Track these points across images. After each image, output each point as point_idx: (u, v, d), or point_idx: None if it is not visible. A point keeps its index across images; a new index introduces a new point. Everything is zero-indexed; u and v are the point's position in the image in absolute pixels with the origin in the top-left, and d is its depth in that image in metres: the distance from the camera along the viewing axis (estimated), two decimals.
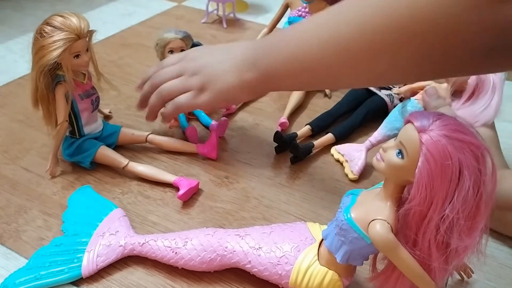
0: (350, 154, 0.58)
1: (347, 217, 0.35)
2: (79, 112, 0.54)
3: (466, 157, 0.29)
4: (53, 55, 0.48)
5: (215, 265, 0.42)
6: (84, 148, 0.55)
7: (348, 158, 0.58)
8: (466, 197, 0.29)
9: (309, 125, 0.63)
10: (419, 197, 0.30)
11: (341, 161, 0.58)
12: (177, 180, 0.53)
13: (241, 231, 0.44)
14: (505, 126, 0.53)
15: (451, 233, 0.30)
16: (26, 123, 0.64)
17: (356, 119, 0.64)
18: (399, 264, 0.32)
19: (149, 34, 0.92)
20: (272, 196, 0.54)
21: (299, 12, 0.71)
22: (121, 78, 0.76)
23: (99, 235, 0.45)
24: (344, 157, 0.58)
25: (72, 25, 0.49)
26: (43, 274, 0.42)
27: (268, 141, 0.62)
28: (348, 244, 0.36)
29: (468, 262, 0.41)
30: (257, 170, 0.58)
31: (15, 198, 0.52)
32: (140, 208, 0.51)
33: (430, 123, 0.30)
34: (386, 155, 0.33)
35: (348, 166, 0.57)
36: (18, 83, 0.74)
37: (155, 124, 0.64)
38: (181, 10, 1.05)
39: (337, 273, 0.38)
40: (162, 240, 0.44)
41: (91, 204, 0.50)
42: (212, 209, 0.52)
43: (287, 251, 0.40)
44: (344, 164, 0.58)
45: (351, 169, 0.56)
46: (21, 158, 0.58)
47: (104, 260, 0.43)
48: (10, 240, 0.47)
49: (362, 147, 0.58)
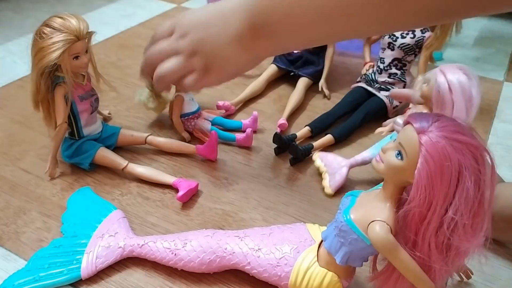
0: (332, 167, 0.56)
1: (346, 219, 0.35)
2: (79, 113, 0.54)
3: (465, 158, 0.29)
4: (53, 56, 0.48)
5: (214, 266, 0.42)
6: (84, 150, 0.55)
7: (329, 171, 0.56)
8: (467, 197, 0.29)
9: (308, 126, 0.63)
10: (419, 198, 0.30)
11: (322, 171, 0.56)
12: (177, 182, 0.53)
13: (241, 232, 0.44)
14: (505, 127, 0.53)
15: (454, 234, 0.30)
16: (25, 125, 0.64)
17: (355, 120, 0.64)
18: (398, 265, 0.32)
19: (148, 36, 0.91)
20: (272, 198, 0.54)
21: None
22: (121, 80, 0.76)
23: (98, 236, 0.45)
24: (326, 167, 0.56)
25: (72, 26, 0.49)
26: (42, 276, 0.42)
27: (268, 142, 0.62)
28: (347, 245, 0.35)
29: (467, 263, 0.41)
30: (256, 172, 0.58)
31: (14, 199, 0.52)
32: (139, 210, 0.51)
33: (429, 124, 0.30)
34: (385, 156, 0.33)
35: (327, 179, 0.55)
36: (17, 84, 0.74)
37: (154, 126, 0.64)
38: (180, 11, 1.05)
39: (336, 274, 0.38)
40: (162, 242, 0.44)
41: (90, 206, 0.50)
42: (212, 210, 0.52)
43: (286, 253, 0.40)
44: (323, 175, 0.56)
45: (329, 183, 0.55)
46: (20, 160, 0.58)
47: (103, 261, 0.43)
48: (9, 241, 0.47)
49: (345, 163, 0.56)
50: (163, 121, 0.66)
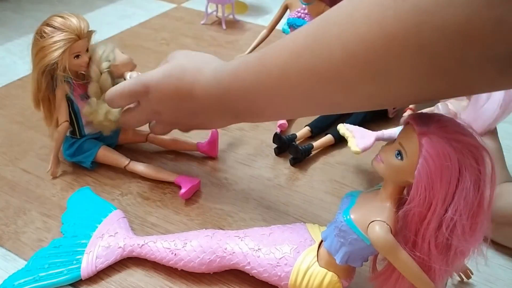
0: (359, 132, 0.55)
1: (346, 219, 0.35)
2: (80, 112, 0.54)
3: (465, 158, 0.29)
4: (54, 55, 0.48)
5: (214, 266, 0.42)
6: (85, 148, 0.55)
7: (356, 135, 0.54)
8: (467, 197, 0.29)
9: (308, 126, 0.63)
10: (419, 198, 0.30)
11: (347, 136, 0.54)
12: (179, 179, 0.53)
13: (241, 232, 0.44)
14: (505, 127, 0.53)
15: (453, 234, 0.30)
16: (25, 125, 0.64)
17: (355, 120, 0.64)
18: (398, 265, 0.32)
19: (148, 36, 0.92)
20: (272, 198, 0.54)
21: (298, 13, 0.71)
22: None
23: (98, 236, 0.45)
24: (352, 133, 0.55)
25: (72, 25, 0.49)
26: (42, 276, 0.42)
27: (268, 142, 0.62)
28: (347, 246, 0.36)
29: (467, 263, 0.41)
30: (256, 172, 0.58)
31: (14, 199, 0.52)
32: (139, 210, 0.51)
33: (429, 124, 0.30)
34: (385, 156, 0.33)
35: (354, 140, 0.53)
36: (17, 84, 0.74)
37: None
38: (180, 11, 1.05)
39: (336, 274, 0.38)
40: (161, 242, 0.44)
41: (90, 206, 0.50)
42: (212, 210, 0.52)
43: (286, 253, 0.40)
44: (349, 139, 0.54)
45: (356, 142, 0.53)
46: (20, 160, 0.58)
47: (103, 261, 0.43)
48: (9, 241, 0.47)
49: (372, 133, 0.55)
50: None
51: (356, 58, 0.28)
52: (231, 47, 0.89)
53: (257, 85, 0.37)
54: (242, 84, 0.38)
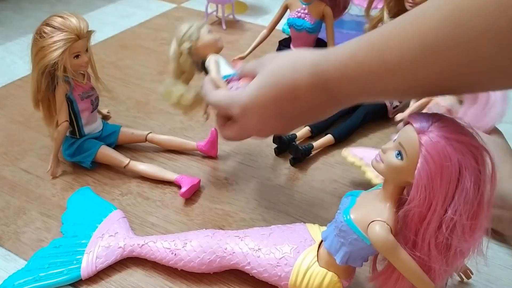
0: (369, 158, 0.52)
1: (346, 219, 0.35)
2: (79, 112, 0.54)
3: (465, 158, 0.29)
4: (54, 55, 0.48)
5: (214, 266, 0.42)
6: (85, 148, 0.55)
7: (367, 161, 0.53)
8: (467, 197, 0.29)
9: (308, 126, 0.63)
10: (419, 198, 0.30)
11: (358, 165, 0.53)
12: (179, 178, 0.53)
13: (241, 232, 0.44)
14: (506, 127, 0.53)
15: (453, 234, 0.30)
16: (25, 125, 0.64)
17: (355, 120, 0.64)
18: (398, 265, 0.32)
19: (148, 36, 0.92)
20: (272, 198, 0.54)
21: (298, 13, 0.71)
22: (120, 80, 0.76)
23: (98, 236, 0.45)
24: (364, 160, 0.53)
25: (72, 25, 0.49)
26: (42, 276, 0.42)
27: (268, 142, 0.62)
28: (347, 246, 0.35)
29: (467, 263, 0.41)
30: (256, 172, 0.58)
31: (14, 199, 0.52)
32: (139, 210, 0.51)
33: (429, 124, 0.30)
34: (385, 156, 0.33)
35: (370, 171, 0.52)
36: (17, 84, 0.74)
37: (154, 127, 0.64)
38: (180, 11, 1.05)
39: (336, 274, 0.38)
40: (162, 242, 0.44)
41: (90, 206, 0.50)
42: (212, 210, 0.52)
43: (286, 253, 0.40)
44: (363, 168, 0.53)
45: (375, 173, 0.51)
46: (20, 160, 0.58)
47: (103, 261, 0.43)
48: (9, 241, 0.47)
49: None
50: (163, 121, 0.66)
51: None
52: (231, 47, 0.88)
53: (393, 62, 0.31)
54: (362, 66, 0.34)
